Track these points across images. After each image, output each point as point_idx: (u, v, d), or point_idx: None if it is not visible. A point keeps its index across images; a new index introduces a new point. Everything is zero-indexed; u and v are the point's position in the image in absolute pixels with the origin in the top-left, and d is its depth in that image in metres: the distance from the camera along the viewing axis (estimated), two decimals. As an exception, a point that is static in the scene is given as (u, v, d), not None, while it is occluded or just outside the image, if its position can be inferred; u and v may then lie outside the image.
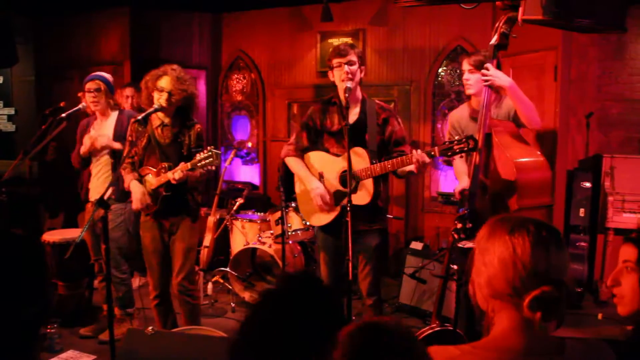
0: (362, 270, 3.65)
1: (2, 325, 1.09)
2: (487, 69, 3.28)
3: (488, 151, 3.30)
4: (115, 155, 4.34)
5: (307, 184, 3.66)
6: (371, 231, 3.61)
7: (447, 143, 3.14)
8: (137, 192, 3.81)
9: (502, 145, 3.24)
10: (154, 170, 3.80)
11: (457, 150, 3.09)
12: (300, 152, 3.77)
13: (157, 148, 3.82)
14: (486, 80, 3.28)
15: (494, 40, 3.26)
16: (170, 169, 3.68)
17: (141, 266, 4.42)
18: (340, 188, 3.58)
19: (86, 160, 4.40)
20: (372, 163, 3.43)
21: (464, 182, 3.57)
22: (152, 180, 3.82)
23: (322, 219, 3.69)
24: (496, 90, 3.51)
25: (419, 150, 3.21)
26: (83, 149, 4.32)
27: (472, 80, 3.70)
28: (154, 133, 3.83)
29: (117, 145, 4.28)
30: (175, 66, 3.82)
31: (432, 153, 3.17)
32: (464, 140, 3.06)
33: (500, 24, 3.22)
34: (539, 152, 3.40)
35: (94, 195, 4.36)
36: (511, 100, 3.42)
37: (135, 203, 3.83)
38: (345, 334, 1.10)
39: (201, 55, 7.10)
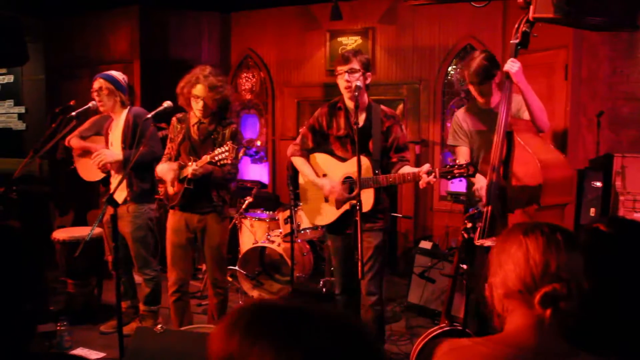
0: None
1: None
2: (514, 62, 3.26)
3: (509, 150, 3.28)
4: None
5: (316, 183, 3.70)
6: (372, 230, 3.61)
7: (447, 166, 3.19)
8: (164, 168, 3.91)
9: (525, 143, 3.22)
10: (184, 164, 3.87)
11: (457, 174, 3.15)
12: (306, 153, 3.81)
13: (190, 144, 3.88)
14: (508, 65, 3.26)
15: (515, 38, 3.25)
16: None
17: None
18: (343, 193, 3.60)
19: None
20: (374, 173, 3.48)
21: (482, 180, 3.53)
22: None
23: (324, 218, 3.75)
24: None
25: (423, 168, 3.25)
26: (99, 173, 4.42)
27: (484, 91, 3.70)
28: (190, 130, 3.91)
29: (119, 157, 4.26)
30: (207, 71, 3.88)
31: (434, 175, 3.22)
32: (464, 165, 3.12)
33: (522, 23, 3.21)
34: (558, 151, 3.39)
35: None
36: (526, 101, 3.38)
37: (168, 177, 3.89)
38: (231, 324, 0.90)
39: (210, 54, 7.10)
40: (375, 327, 3.73)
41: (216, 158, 3.59)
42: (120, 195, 4.30)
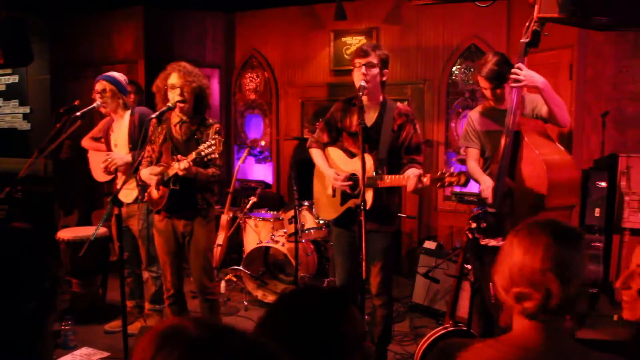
0: (372, 270, 3.64)
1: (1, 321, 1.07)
2: (520, 69, 3.22)
3: (516, 150, 3.26)
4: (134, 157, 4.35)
5: (325, 173, 3.70)
6: (380, 233, 3.58)
7: (439, 173, 3.15)
8: (146, 173, 3.82)
9: (533, 144, 3.20)
10: (166, 165, 3.80)
11: (447, 183, 3.09)
12: (322, 145, 3.80)
13: (172, 145, 3.83)
14: (517, 81, 3.20)
15: (525, 37, 3.22)
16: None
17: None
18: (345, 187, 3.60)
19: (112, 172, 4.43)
20: (376, 172, 3.42)
21: (489, 180, 3.50)
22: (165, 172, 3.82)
23: (328, 213, 3.75)
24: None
25: (412, 172, 3.22)
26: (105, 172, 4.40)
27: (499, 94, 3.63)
28: (172, 130, 3.84)
29: (128, 159, 4.28)
30: (182, 63, 3.82)
31: (424, 179, 3.17)
32: (455, 174, 3.07)
33: (532, 22, 3.18)
34: (566, 151, 3.36)
35: (121, 195, 4.38)
36: (545, 100, 3.31)
37: (152, 180, 3.81)
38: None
39: (215, 54, 7.11)
40: (383, 328, 3.73)
41: (203, 153, 3.47)
42: (131, 194, 4.32)
